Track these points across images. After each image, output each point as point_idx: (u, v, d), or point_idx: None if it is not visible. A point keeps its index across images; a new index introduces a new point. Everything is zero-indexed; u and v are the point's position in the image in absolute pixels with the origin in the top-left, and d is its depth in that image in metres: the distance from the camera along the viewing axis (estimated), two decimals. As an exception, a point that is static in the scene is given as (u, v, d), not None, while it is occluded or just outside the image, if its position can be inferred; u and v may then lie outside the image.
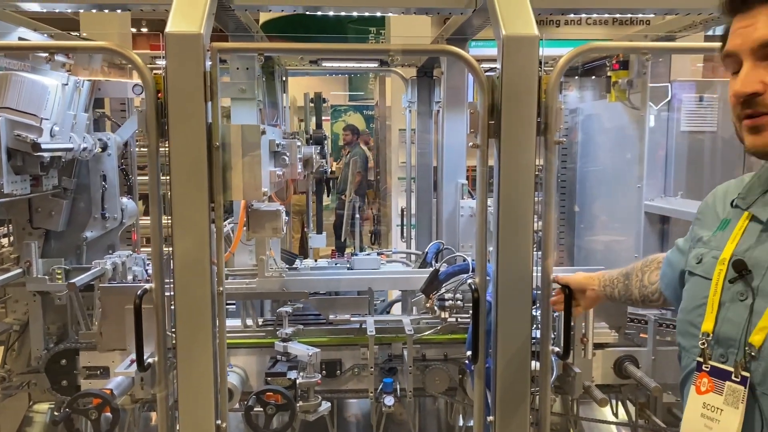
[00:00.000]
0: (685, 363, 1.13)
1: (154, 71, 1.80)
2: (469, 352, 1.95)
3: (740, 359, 0.99)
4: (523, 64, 1.82)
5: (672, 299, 1.40)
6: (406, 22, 5.17)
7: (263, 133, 1.88)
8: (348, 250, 5.19)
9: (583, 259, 3.71)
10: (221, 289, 1.84)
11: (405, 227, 4.18)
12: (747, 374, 0.97)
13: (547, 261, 1.92)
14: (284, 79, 3.73)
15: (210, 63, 1.80)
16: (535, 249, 2.96)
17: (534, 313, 2.48)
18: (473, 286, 1.92)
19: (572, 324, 2.34)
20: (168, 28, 1.78)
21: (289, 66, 3.70)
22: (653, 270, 1.61)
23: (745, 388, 0.97)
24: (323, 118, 11.79)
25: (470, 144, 1.90)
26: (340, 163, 7.71)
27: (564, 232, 3.92)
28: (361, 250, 4.62)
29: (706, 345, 1.06)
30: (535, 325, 2.43)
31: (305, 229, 4.09)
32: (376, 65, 3.79)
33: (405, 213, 4.17)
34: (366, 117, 9.75)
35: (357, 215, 4.91)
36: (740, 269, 1.03)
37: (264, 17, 6.21)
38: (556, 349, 2.02)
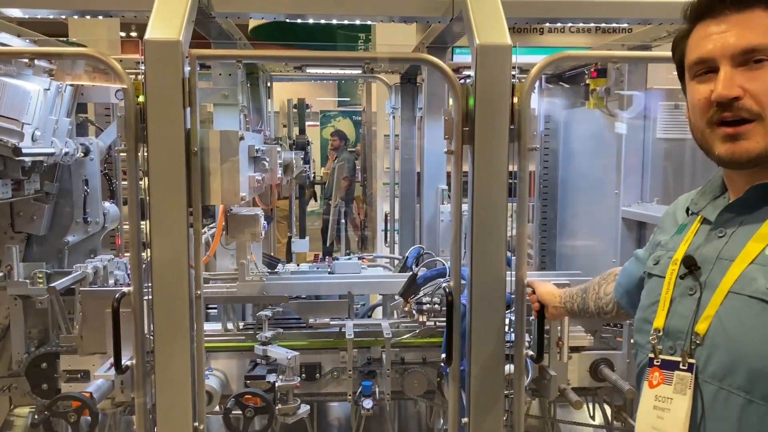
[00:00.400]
0: (639, 359, 1.17)
1: (139, 75, 1.83)
2: (444, 355, 1.98)
3: (686, 348, 1.03)
4: (497, 72, 1.86)
5: (627, 306, 1.45)
6: (391, 30, 5.22)
7: (242, 138, 1.90)
8: (336, 255, 5.21)
9: (565, 265, 3.75)
10: (199, 292, 1.86)
11: (388, 232, 4.21)
12: (693, 360, 1.01)
13: (521, 268, 1.96)
14: (269, 84, 3.76)
15: (189, 69, 1.83)
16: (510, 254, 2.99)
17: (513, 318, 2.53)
18: (447, 290, 1.95)
19: (547, 329, 2.39)
20: (147, 35, 1.81)
21: (274, 72, 3.73)
22: (609, 282, 1.66)
23: (692, 374, 1.01)
24: (312, 123, 11.82)
25: (444, 150, 1.94)
26: (328, 168, 7.74)
27: (546, 238, 3.96)
28: (347, 254, 4.65)
29: (656, 340, 1.10)
30: (510, 328, 2.48)
31: (289, 234, 4.12)
32: (359, 72, 3.83)
33: (388, 218, 4.21)
34: (355, 122, 9.78)
35: (342, 220, 4.93)
36: (690, 265, 1.07)
37: (253, 23, 6.24)
38: (530, 352, 2.05)
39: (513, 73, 1.88)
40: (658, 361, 1.08)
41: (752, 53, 0.98)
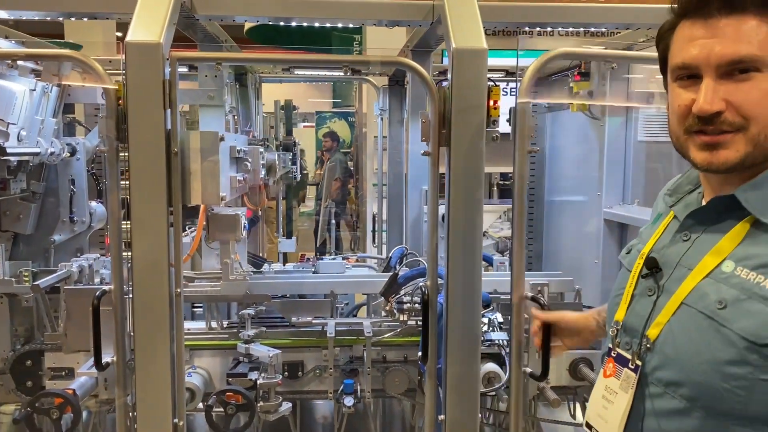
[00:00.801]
0: (603, 348, 1.21)
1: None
2: (420, 353, 2.01)
3: (637, 349, 1.06)
4: (473, 75, 1.90)
5: None
6: (382, 32, 5.25)
7: (222, 139, 1.93)
8: (322, 255, 5.24)
9: (550, 265, 3.79)
10: (179, 290, 1.89)
11: (376, 233, 4.25)
12: (639, 363, 1.04)
13: (517, 286, 1.98)
14: (257, 86, 3.79)
15: (170, 71, 1.86)
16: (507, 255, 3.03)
17: (494, 318, 2.56)
18: (424, 290, 1.98)
19: (525, 327, 2.42)
20: (128, 38, 1.84)
21: (263, 74, 3.76)
22: None
23: (636, 375, 1.04)
24: (308, 124, 11.81)
25: (422, 152, 1.98)
26: (322, 170, 7.78)
27: (532, 238, 4.00)
28: (332, 254, 4.68)
29: (615, 333, 1.13)
30: (492, 328, 2.52)
31: (274, 234, 4.15)
32: (348, 74, 3.86)
33: (376, 219, 4.24)
34: (351, 124, 9.83)
35: (333, 221, 4.96)
36: (651, 267, 1.08)
37: (249, 24, 6.27)
38: (529, 369, 2.07)
39: (489, 76, 1.92)
40: (614, 353, 1.12)
41: (738, 64, 0.94)
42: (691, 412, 0.97)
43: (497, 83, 1.97)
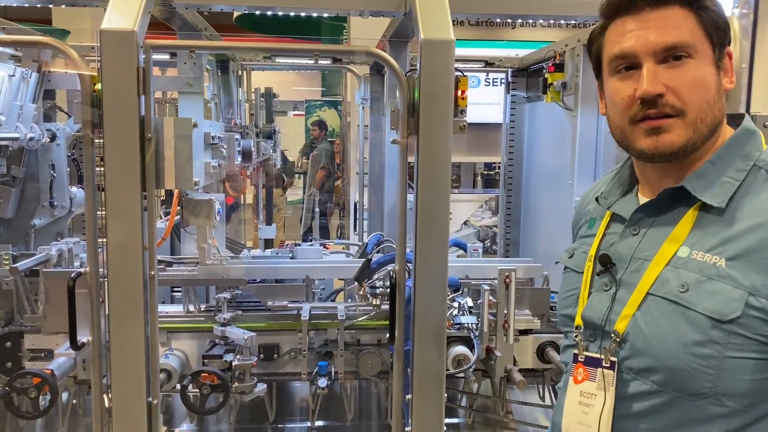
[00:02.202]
0: (564, 358, 1.21)
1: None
2: (388, 335, 2.08)
3: (608, 346, 1.06)
4: (440, 66, 1.95)
5: None
6: (367, 22, 5.29)
7: (195, 125, 1.98)
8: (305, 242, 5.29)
9: (527, 253, 3.87)
10: (152, 273, 1.95)
11: (357, 220, 4.31)
12: (614, 359, 1.05)
13: None
14: (240, 74, 3.83)
15: (143, 57, 1.90)
16: (488, 243, 3.06)
17: (464, 302, 2.64)
18: (392, 274, 2.05)
19: (494, 311, 2.50)
20: (103, 25, 1.87)
21: (245, 61, 3.80)
22: None
23: (614, 372, 1.05)
24: (298, 113, 11.75)
25: (391, 140, 2.03)
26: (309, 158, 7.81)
27: (510, 227, 4.07)
28: (309, 241, 4.73)
29: (579, 337, 1.13)
30: (462, 312, 2.59)
31: (255, 221, 4.20)
32: (329, 62, 3.90)
33: (358, 206, 4.30)
34: (340, 113, 9.85)
35: (317, 209, 5.01)
36: (605, 263, 1.11)
37: (238, 12, 6.29)
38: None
39: (456, 66, 1.97)
40: (582, 358, 1.11)
41: (673, 50, 1.00)
42: (662, 394, 1.00)
43: (465, 74, 2.02)
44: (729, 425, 0.97)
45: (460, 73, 2.00)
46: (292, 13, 2.38)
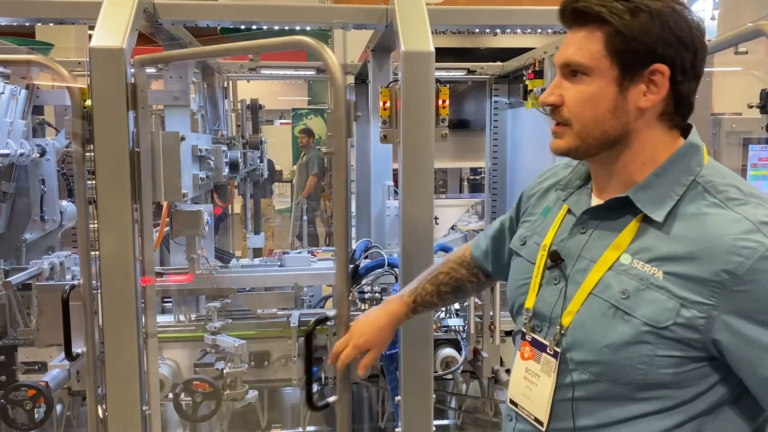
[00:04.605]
0: (515, 331, 1.30)
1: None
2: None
3: (554, 335, 1.15)
4: (421, 76, 2.01)
5: (495, 268, 1.48)
6: (350, 32, 5.37)
7: (183, 139, 2.03)
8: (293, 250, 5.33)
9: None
10: (151, 282, 1.99)
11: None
12: (558, 350, 1.14)
13: None
14: (225, 86, 3.88)
15: (133, 71, 1.95)
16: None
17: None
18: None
19: (480, 314, 2.56)
20: (92, 43, 1.93)
21: (230, 73, 3.85)
22: (463, 256, 1.56)
23: (557, 360, 1.14)
24: (285, 121, 11.72)
25: (323, 152, 2.06)
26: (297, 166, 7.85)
27: (496, 230, 4.15)
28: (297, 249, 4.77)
29: (528, 320, 1.22)
30: (449, 315, 2.65)
31: (244, 230, 4.24)
32: (313, 73, 3.97)
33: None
34: (326, 121, 9.88)
35: (305, 216, 5.05)
36: (555, 259, 1.18)
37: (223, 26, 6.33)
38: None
39: (438, 74, 2.04)
40: (529, 338, 1.21)
41: (568, 67, 1.09)
42: (598, 383, 1.10)
43: (445, 83, 2.09)
44: (657, 406, 1.07)
45: (440, 83, 2.07)
46: (276, 27, 2.44)
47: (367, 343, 1.46)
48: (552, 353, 1.15)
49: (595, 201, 1.19)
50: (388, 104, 2.11)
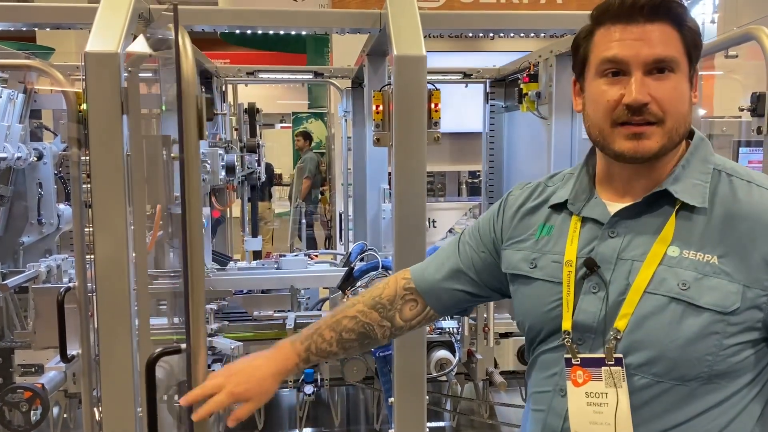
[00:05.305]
0: (548, 361, 1.19)
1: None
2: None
3: (610, 344, 1.08)
4: (413, 80, 2.03)
5: (437, 306, 1.36)
6: (348, 36, 5.41)
7: (175, 142, 2.04)
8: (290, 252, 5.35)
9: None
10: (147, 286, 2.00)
11: (342, 231, 4.38)
12: (619, 355, 1.08)
13: None
14: (224, 89, 3.90)
15: (126, 75, 1.96)
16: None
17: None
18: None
19: (474, 315, 2.57)
20: (87, 48, 1.94)
21: (227, 77, 3.87)
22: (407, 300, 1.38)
23: (622, 367, 1.07)
24: (285, 125, 11.76)
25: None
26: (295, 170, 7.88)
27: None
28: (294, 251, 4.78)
29: (569, 342, 1.13)
30: (443, 317, 2.66)
31: (242, 233, 4.26)
32: (311, 76, 3.99)
33: (342, 217, 4.37)
34: (326, 124, 9.92)
35: (303, 220, 5.07)
36: (591, 266, 1.12)
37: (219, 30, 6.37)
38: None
39: (434, 78, 2.06)
40: (577, 361, 1.12)
41: (661, 63, 1.06)
42: (660, 384, 1.06)
43: (437, 87, 2.11)
44: (716, 399, 1.06)
45: (433, 87, 2.08)
46: (271, 32, 2.46)
47: (246, 393, 1.28)
48: (613, 362, 1.08)
49: (616, 206, 1.15)
50: (381, 108, 2.13)
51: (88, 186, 1.97)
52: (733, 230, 1.05)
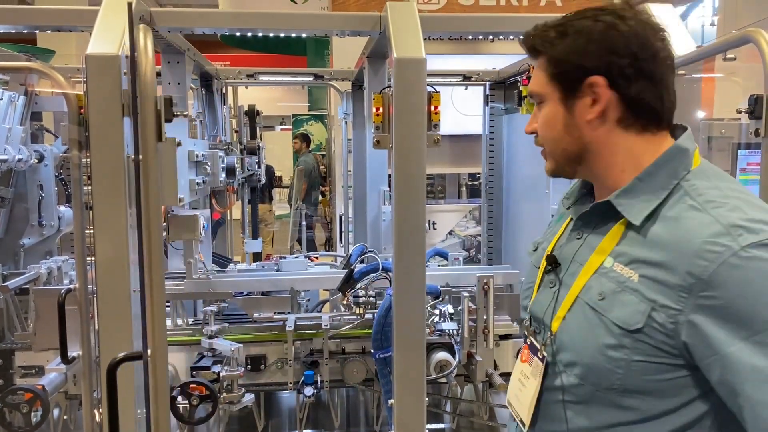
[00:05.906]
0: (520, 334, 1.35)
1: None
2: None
3: (545, 339, 1.17)
4: (413, 83, 2.04)
5: None
6: (348, 38, 5.43)
7: (179, 144, 2.05)
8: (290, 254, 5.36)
9: (509, 260, 3.96)
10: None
11: (342, 233, 4.39)
12: (546, 353, 1.17)
13: None
14: (224, 91, 3.91)
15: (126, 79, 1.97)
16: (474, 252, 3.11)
17: (445, 309, 2.71)
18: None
19: (474, 317, 2.58)
20: (88, 50, 1.95)
21: (228, 79, 3.89)
22: None
23: (543, 364, 1.17)
24: (285, 127, 11.80)
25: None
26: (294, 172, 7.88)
27: (492, 236, 4.17)
28: (294, 253, 4.79)
29: (528, 322, 1.27)
30: (443, 319, 2.67)
31: (241, 235, 4.27)
32: (311, 79, 3.99)
33: (343, 219, 4.38)
34: (327, 126, 9.94)
35: (303, 222, 5.08)
36: (552, 263, 1.22)
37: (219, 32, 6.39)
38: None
39: (434, 80, 2.06)
40: (528, 341, 1.25)
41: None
42: (584, 386, 1.12)
43: (437, 89, 2.12)
44: (639, 415, 1.07)
45: (432, 89, 2.09)
46: (271, 34, 2.46)
47: None
48: (540, 357, 1.18)
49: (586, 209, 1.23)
50: (381, 110, 2.14)
51: (89, 188, 1.99)
52: (660, 252, 1.04)
